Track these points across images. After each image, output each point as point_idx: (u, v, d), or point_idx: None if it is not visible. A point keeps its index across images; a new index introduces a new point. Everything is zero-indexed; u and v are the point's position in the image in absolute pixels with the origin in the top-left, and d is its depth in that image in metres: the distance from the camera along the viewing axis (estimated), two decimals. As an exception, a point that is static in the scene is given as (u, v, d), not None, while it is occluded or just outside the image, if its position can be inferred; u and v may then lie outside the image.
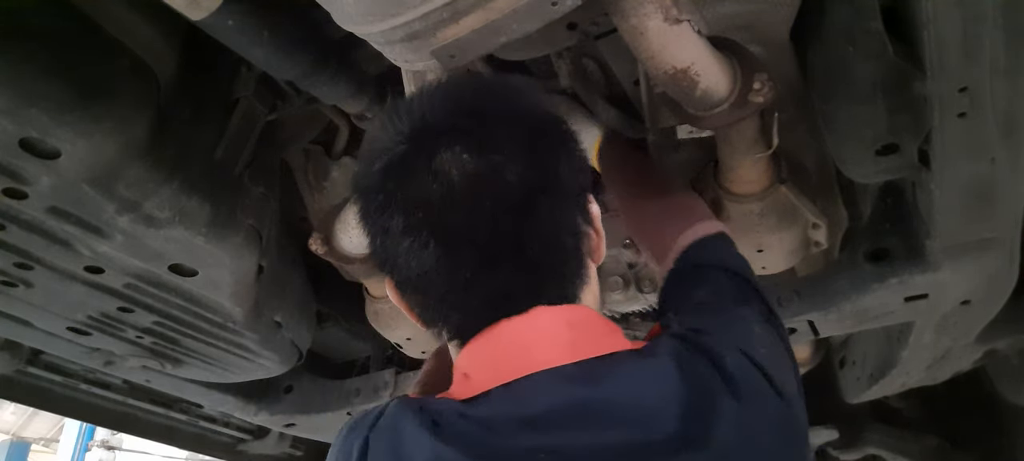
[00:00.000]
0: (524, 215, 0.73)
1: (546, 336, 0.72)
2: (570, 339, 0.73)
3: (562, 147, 0.80)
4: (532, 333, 0.73)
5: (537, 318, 0.73)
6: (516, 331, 0.73)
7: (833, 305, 1.53)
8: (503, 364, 0.72)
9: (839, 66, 1.13)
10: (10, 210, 1.22)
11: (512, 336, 0.73)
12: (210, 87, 1.43)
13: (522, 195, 0.73)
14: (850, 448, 2.48)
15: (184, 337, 1.69)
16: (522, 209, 0.73)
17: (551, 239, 0.75)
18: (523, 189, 0.73)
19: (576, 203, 0.79)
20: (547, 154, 0.77)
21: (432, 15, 0.83)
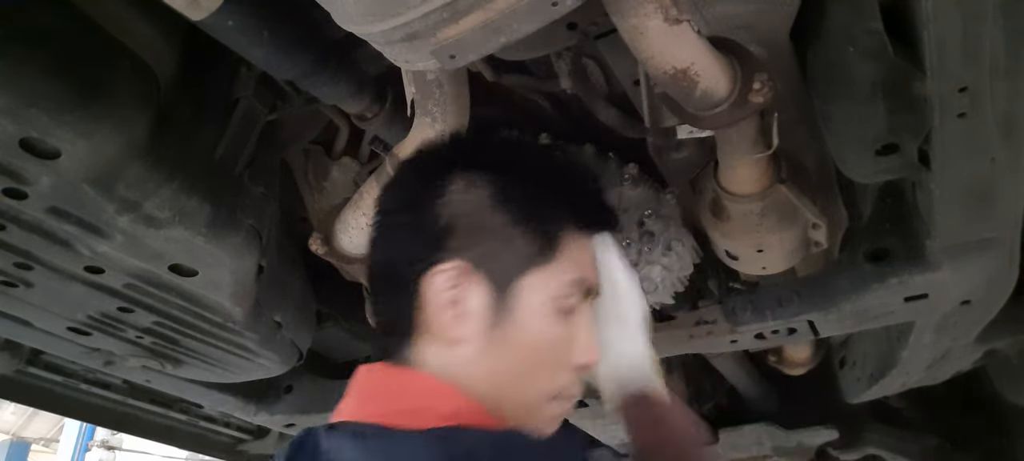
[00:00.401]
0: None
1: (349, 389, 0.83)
2: (353, 398, 0.81)
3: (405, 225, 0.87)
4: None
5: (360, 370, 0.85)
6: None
7: (833, 305, 1.53)
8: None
9: (839, 66, 1.13)
10: (10, 210, 1.22)
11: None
12: (210, 87, 1.43)
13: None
14: (850, 448, 2.48)
15: (184, 337, 1.69)
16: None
17: (389, 305, 0.86)
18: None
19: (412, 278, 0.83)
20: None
21: (432, 15, 0.83)
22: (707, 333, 1.71)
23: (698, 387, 2.41)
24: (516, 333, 0.81)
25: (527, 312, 0.81)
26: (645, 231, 1.53)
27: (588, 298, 0.86)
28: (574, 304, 0.84)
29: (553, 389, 0.83)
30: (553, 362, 0.83)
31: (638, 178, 1.62)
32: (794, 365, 2.24)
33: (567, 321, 0.83)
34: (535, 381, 0.82)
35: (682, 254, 1.53)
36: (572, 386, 0.85)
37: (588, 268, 0.86)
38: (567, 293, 0.83)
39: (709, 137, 1.28)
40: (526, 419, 0.82)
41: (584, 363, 0.85)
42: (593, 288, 0.86)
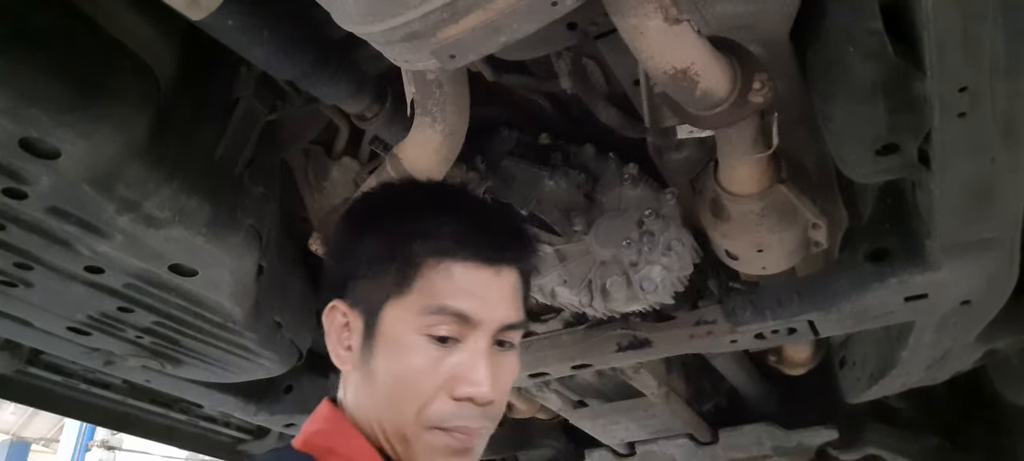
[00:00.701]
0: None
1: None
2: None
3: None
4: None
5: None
6: None
7: (833, 305, 1.53)
8: None
9: (839, 66, 1.13)
10: (10, 210, 1.22)
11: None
12: (210, 87, 1.43)
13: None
14: (850, 448, 2.48)
15: (184, 337, 1.69)
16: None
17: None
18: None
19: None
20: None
21: (432, 15, 0.83)
22: (707, 333, 1.71)
23: (698, 387, 2.41)
24: (380, 362, 0.85)
25: (388, 341, 0.85)
26: (645, 231, 1.54)
27: (481, 329, 0.85)
28: (452, 333, 0.84)
29: (427, 419, 0.83)
30: (420, 390, 0.83)
31: (638, 178, 1.62)
32: (794, 365, 2.24)
33: (443, 350, 0.83)
34: (403, 409, 0.83)
35: (682, 254, 1.53)
36: (458, 419, 0.83)
37: (453, 295, 0.84)
38: (431, 322, 0.83)
39: (709, 137, 1.28)
40: (408, 447, 0.84)
41: (466, 395, 0.83)
42: (470, 316, 0.84)
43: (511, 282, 0.90)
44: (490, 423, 0.88)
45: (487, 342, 0.85)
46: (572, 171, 1.67)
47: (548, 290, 1.66)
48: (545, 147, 1.73)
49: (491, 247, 0.88)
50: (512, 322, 0.88)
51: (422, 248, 0.86)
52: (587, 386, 2.29)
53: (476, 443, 0.87)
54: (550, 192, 1.65)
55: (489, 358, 0.85)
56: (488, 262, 0.87)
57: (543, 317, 1.89)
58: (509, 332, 0.88)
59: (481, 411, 0.85)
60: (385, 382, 0.85)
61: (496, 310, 0.86)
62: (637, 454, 2.61)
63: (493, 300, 0.87)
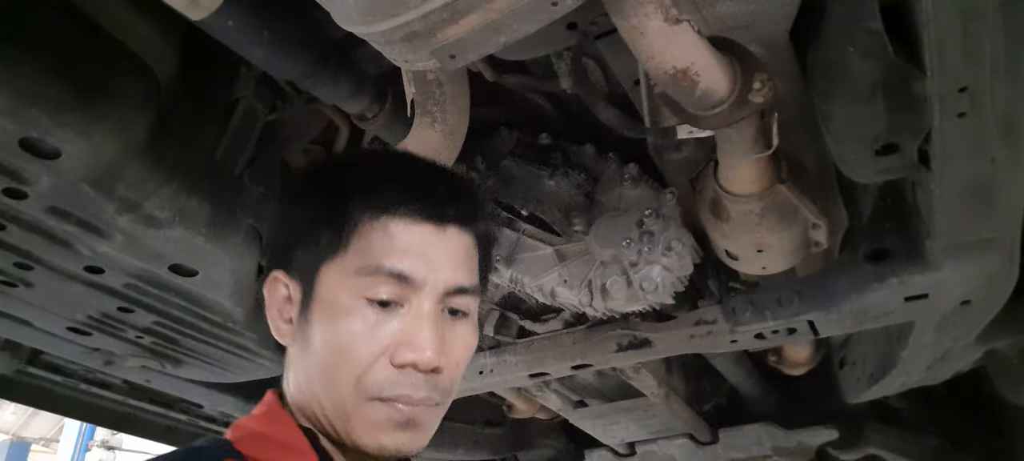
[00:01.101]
0: None
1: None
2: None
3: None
4: None
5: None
6: None
7: (833, 305, 1.53)
8: None
9: (839, 66, 1.13)
10: (10, 210, 1.22)
11: None
12: (210, 87, 1.43)
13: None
14: (850, 448, 2.48)
15: (184, 337, 1.70)
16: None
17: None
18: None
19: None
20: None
21: (432, 15, 0.83)
22: (707, 333, 1.71)
23: (698, 387, 2.41)
24: (317, 331, 0.79)
25: (324, 307, 0.79)
26: (645, 231, 1.54)
27: (424, 291, 0.79)
28: (392, 296, 0.77)
29: (366, 388, 0.76)
30: (358, 358, 0.77)
31: (638, 178, 1.62)
32: (794, 365, 2.24)
33: (383, 314, 0.77)
34: (340, 379, 0.77)
35: (682, 254, 1.53)
36: (399, 386, 0.77)
37: (391, 255, 0.78)
38: (368, 284, 0.77)
39: (709, 137, 1.28)
40: (348, 423, 0.78)
41: (407, 360, 0.76)
42: (409, 276, 0.78)
43: (460, 243, 0.83)
44: (438, 395, 0.80)
45: (432, 305, 0.79)
46: (572, 171, 1.67)
47: (548, 290, 1.66)
48: (545, 147, 1.73)
49: (433, 203, 0.82)
50: (460, 285, 0.81)
51: (358, 205, 0.80)
52: (587, 386, 2.29)
53: (422, 417, 0.79)
54: (550, 192, 1.65)
55: (434, 323, 0.79)
56: (430, 219, 0.81)
57: (543, 317, 1.89)
58: (459, 298, 0.81)
59: (425, 379, 0.78)
60: (322, 352, 0.79)
61: (440, 271, 0.80)
62: (637, 454, 2.61)
63: (436, 260, 0.80)
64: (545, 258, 1.66)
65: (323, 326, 0.79)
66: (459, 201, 0.85)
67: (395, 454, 0.79)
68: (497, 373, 1.93)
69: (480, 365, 1.95)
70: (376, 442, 0.77)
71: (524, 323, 1.90)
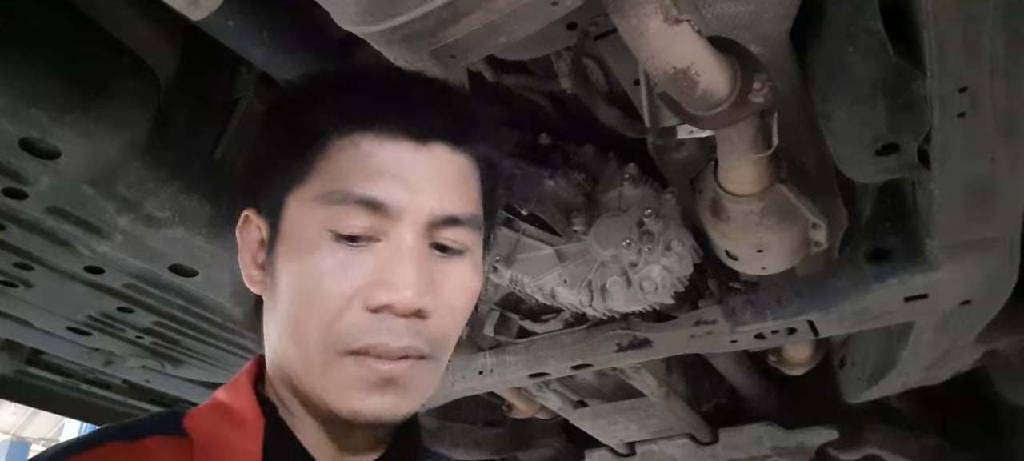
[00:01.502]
0: None
1: None
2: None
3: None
4: None
5: None
6: None
7: (833, 305, 1.53)
8: None
9: (839, 66, 1.12)
10: (10, 210, 1.23)
11: None
12: (210, 87, 1.43)
13: None
14: (850, 448, 2.48)
15: (184, 337, 1.70)
16: None
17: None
18: None
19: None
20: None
21: (432, 15, 0.83)
22: (707, 333, 1.71)
23: (698, 387, 2.41)
24: (282, 271, 0.68)
25: (290, 242, 0.67)
26: (645, 231, 1.53)
27: (404, 221, 0.65)
28: (365, 229, 0.65)
29: (336, 339, 0.64)
30: (326, 301, 0.64)
31: (638, 178, 1.62)
32: (794, 365, 2.24)
33: (355, 250, 0.65)
34: (309, 328, 0.65)
35: (682, 254, 1.53)
36: (374, 334, 0.63)
37: (362, 178, 0.65)
38: (336, 214, 0.64)
39: (709, 137, 1.28)
40: (317, 384, 0.65)
41: (381, 303, 0.63)
42: (384, 203, 0.65)
43: (450, 165, 0.69)
44: (425, 345, 0.65)
45: (414, 238, 0.65)
46: (572, 171, 1.67)
47: (548, 290, 1.66)
48: (545, 147, 1.73)
49: (414, 114, 0.68)
50: (449, 214, 0.67)
51: (324, 119, 0.68)
52: (587, 386, 2.29)
53: (404, 374, 0.65)
54: (550, 192, 1.65)
55: (416, 259, 0.65)
56: (410, 135, 0.67)
57: (543, 317, 1.89)
58: (450, 230, 0.68)
59: (406, 325, 0.64)
60: (288, 298, 0.67)
61: (423, 196, 0.66)
62: (637, 454, 2.61)
63: (419, 183, 0.66)
64: (545, 258, 1.66)
65: (288, 266, 0.67)
66: (448, 114, 0.71)
67: (373, 420, 0.65)
68: (497, 373, 1.93)
69: (480, 365, 1.95)
70: (348, 406, 0.64)
71: (524, 323, 1.90)
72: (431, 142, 0.68)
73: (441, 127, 0.69)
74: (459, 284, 0.69)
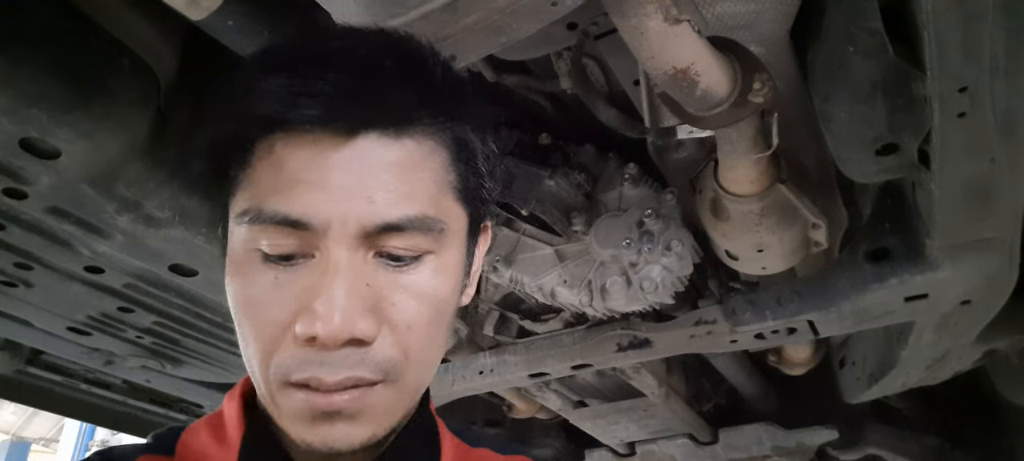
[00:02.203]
0: None
1: None
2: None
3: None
4: None
5: None
6: None
7: (833, 305, 1.53)
8: None
9: (839, 66, 1.13)
10: (10, 210, 1.23)
11: None
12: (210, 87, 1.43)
13: None
14: (850, 448, 2.48)
15: (184, 337, 1.70)
16: None
17: None
18: None
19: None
20: None
21: (432, 15, 0.83)
22: (707, 333, 1.71)
23: (698, 387, 2.41)
24: (229, 294, 0.61)
25: (230, 267, 0.60)
26: (645, 231, 1.54)
27: (331, 236, 0.55)
28: (289, 248, 0.56)
29: (277, 372, 0.57)
30: (263, 332, 0.57)
31: (638, 178, 1.62)
32: (794, 365, 2.24)
33: (287, 271, 0.56)
34: (251, 358, 0.59)
35: (682, 254, 1.53)
36: (307, 367, 0.55)
37: (276, 190, 0.55)
38: (255, 236, 0.56)
39: (709, 137, 1.28)
40: (275, 412, 0.60)
41: (305, 333, 0.55)
42: (300, 220, 0.55)
43: (387, 159, 0.57)
44: (370, 373, 0.56)
45: (345, 253, 0.55)
46: (572, 171, 1.67)
47: (548, 290, 1.66)
48: (545, 147, 1.73)
49: (330, 103, 0.55)
50: (386, 221, 0.56)
51: (246, 122, 0.57)
52: (587, 386, 2.29)
53: (351, 405, 0.56)
54: (550, 192, 1.65)
55: (349, 277, 0.55)
56: (329, 130, 0.55)
57: (543, 317, 1.89)
58: (392, 237, 0.57)
59: (343, 356, 0.55)
60: (236, 321, 0.60)
61: (350, 203, 0.55)
62: (637, 454, 2.61)
63: (343, 190, 0.55)
64: (545, 258, 1.66)
65: (230, 289, 0.60)
66: (376, 94, 0.57)
67: (327, 450, 0.57)
68: (497, 373, 1.93)
69: (480, 365, 1.95)
70: (300, 437, 0.58)
71: (524, 323, 1.90)
72: (357, 134, 0.56)
73: (366, 113, 0.56)
74: (415, 296, 0.59)
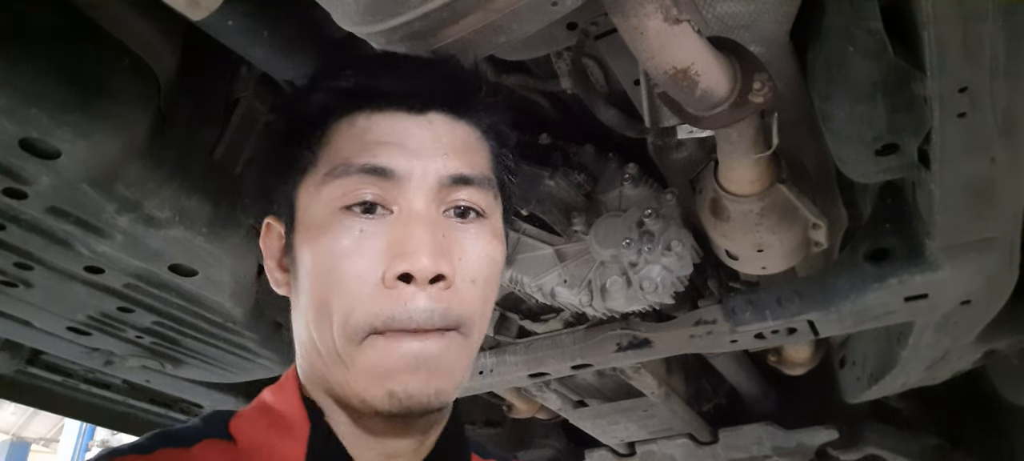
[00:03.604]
0: None
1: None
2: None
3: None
4: None
5: None
6: None
7: (833, 305, 1.53)
8: None
9: (839, 66, 1.13)
10: (10, 210, 1.23)
11: None
12: (210, 87, 1.43)
13: None
14: (850, 448, 2.48)
15: (184, 337, 1.70)
16: None
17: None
18: None
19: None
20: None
21: (432, 15, 0.83)
22: (707, 333, 1.71)
23: (698, 387, 2.41)
24: (302, 261, 0.67)
25: (306, 230, 0.67)
26: (645, 231, 1.54)
27: (412, 186, 0.65)
28: (376, 196, 0.65)
29: (361, 323, 0.62)
30: (347, 281, 0.63)
31: (638, 178, 1.62)
32: (794, 365, 2.24)
33: (371, 221, 0.64)
34: (329, 314, 0.64)
35: (682, 254, 1.53)
36: (396, 308, 0.62)
37: (362, 149, 0.66)
38: (344, 189, 0.65)
39: (709, 137, 1.28)
40: (348, 375, 0.64)
41: (400, 270, 0.62)
42: (388, 168, 0.65)
43: (452, 132, 0.70)
44: (450, 316, 0.63)
45: (425, 203, 0.65)
46: (572, 171, 1.67)
47: (548, 290, 1.66)
48: (545, 147, 1.73)
49: (407, 86, 0.69)
50: (460, 173, 0.67)
51: (320, 107, 0.69)
52: (587, 386, 2.29)
53: (435, 351, 0.63)
54: (550, 192, 1.65)
55: (430, 223, 0.65)
56: (405, 107, 0.68)
57: (543, 317, 1.89)
58: (464, 190, 0.68)
59: (429, 296, 0.62)
60: (308, 285, 0.66)
61: (427, 159, 0.66)
62: (637, 454, 2.61)
63: (421, 149, 0.66)
64: (545, 258, 1.66)
65: (304, 253, 0.67)
66: (443, 83, 0.72)
67: (408, 402, 0.62)
68: (497, 373, 1.93)
69: (480, 365, 1.95)
70: (384, 390, 0.62)
71: (524, 323, 1.90)
72: (428, 111, 0.69)
73: (437, 96, 0.70)
74: (480, 252, 0.67)
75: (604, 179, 1.68)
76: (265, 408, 0.71)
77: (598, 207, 1.65)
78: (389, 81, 0.69)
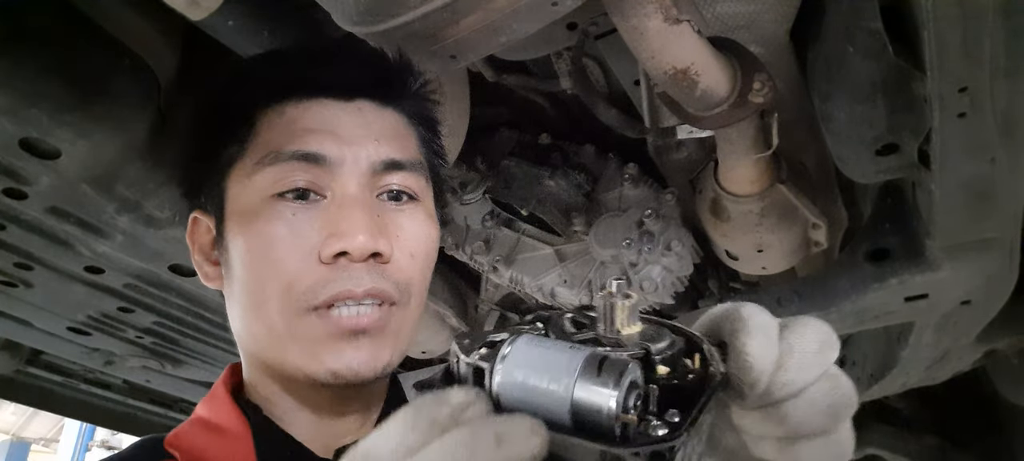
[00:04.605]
0: None
1: None
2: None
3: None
4: None
5: None
6: None
7: (833, 305, 1.53)
8: None
9: (839, 66, 1.13)
10: (10, 210, 1.23)
11: None
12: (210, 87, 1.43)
13: None
14: (850, 448, 2.48)
15: (184, 337, 1.70)
16: None
17: None
18: None
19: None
20: None
21: (432, 15, 0.83)
22: (707, 333, 1.71)
23: (698, 387, 2.41)
24: (235, 250, 0.67)
25: (238, 218, 0.67)
26: (645, 231, 1.54)
27: (345, 170, 0.66)
28: (308, 183, 0.65)
29: (298, 300, 0.63)
30: (283, 263, 0.63)
31: (638, 178, 1.62)
32: (794, 365, 2.24)
33: (303, 207, 0.65)
34: (268, 298, 0.64)
35: (682, 254, 1.53)
36: (335, 284, 0.63)
37: (293, 137, 0.66)
38: (276, 176, 0.65)
39: (709, 137, 1.28)
40: (287, 352, 0.64)
41: (336, 249, 0.63)
42: (320, 155, 0.65)
43: (381, 118, 0.71)
44: (391, 288, 0.65)
45: (358, 187, 0.66)
46: (572, 171, 1.67)
47: (548, 290, 1.66)
48: (545, 147, 1.73)
49: (335, 77, 0.70)
50: (391, 158, 0.68)
51: (248, 96, 0.69)
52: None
53: (373, 323, 0.64)
54: (550, 192, 1.65)
55: (364, 205, 0.66)
56: (333, 94, 0.69)
57: (543, 317, 1.89)
58: (395, 175, 0.69)
59: (366, 269, 0.64)
60: (243, 274, 0.66)
61: (358, 146, 0.67)
62: (637, 454, 2.61)
63: (351, 135, 0.67)
64: (545, 258, 1.66)
65: (237, 241, 0.67)
66: (369, 72, 0.73)
67: (350, 376, 0.63)
68: (497, 373, 1.93)
69: (480, 365, 1.95)
70: (322, 364, 0.63)
71: (524, 323, 1.90)
72: (356, 99, 0.70)
73: (364, 83, 0.71)
74: (416, 229, 0.70)
75: (604, 179, 1.68)
76: (200, 421, 0.71)
77: (598, 207, 1.65)
78: (316, 70, 0.70)
